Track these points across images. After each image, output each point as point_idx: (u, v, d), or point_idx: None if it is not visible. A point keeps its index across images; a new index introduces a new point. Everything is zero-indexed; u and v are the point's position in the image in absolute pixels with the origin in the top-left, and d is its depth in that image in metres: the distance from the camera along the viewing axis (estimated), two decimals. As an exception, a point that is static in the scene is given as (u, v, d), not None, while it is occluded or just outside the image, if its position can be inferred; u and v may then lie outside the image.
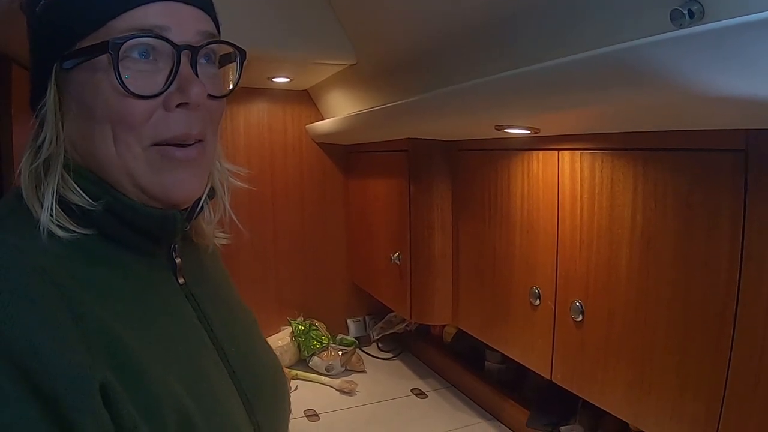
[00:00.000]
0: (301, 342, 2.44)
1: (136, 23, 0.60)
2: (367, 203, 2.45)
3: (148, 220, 0.66)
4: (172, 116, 0.63)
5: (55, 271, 0.55)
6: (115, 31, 0.60)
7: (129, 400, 0.55)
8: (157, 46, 0.62)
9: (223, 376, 0.73)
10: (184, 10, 0.63)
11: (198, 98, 0.63)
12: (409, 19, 1.48)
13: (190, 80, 0.63)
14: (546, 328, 1.47)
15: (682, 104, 0.84)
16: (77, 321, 0.54)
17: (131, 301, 0.64)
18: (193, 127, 0.65)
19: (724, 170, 0.99)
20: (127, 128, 0.62)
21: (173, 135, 0.64)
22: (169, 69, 0.62)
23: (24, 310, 0.50)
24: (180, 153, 0.65)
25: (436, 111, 1.49)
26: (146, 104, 0.61)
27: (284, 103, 2.55)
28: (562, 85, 0.98)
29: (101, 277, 0.62)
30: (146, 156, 0.63)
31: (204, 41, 0.65)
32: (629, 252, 1.20)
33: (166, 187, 0.65)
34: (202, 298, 0.76)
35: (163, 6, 0.61)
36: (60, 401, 0.49)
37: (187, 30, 0.63)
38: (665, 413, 1.13)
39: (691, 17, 0.75)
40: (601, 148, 1.26)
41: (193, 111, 0.65)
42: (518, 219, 1.58)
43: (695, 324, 1.06)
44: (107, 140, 0.62)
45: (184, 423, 0.60)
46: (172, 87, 0.62)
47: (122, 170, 0.63)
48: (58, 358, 0.50)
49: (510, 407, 1.90)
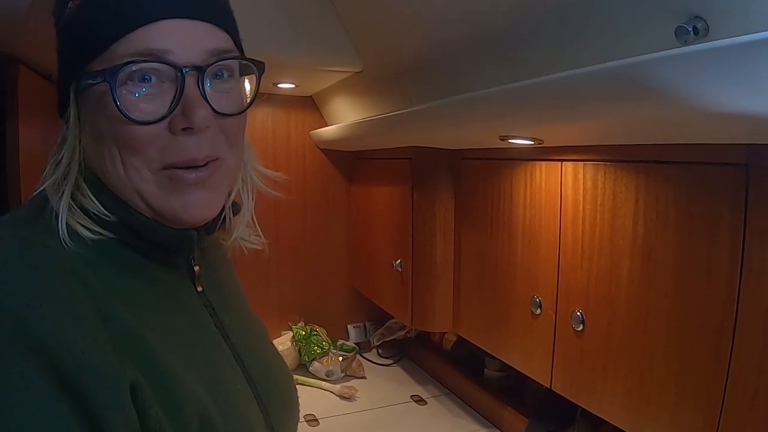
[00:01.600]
0: (301, 347, 2.45)
1: (139, 47, 0.58)
2: (369, 210, 2.46)
3: (164, 238, 0.66)
4: (178, 140, 0.61)
5: (84, 273, 0.56)
6: (117, 55, 0.58)
7: (156, 401, 0.55)
8: (160, 69, 0.60)
9: (240, 381, 0.74)
10: (189, 28, 0.61)
11: (202, 123, 0.61)
12: (415, 28, 1.49)
13: (195, 104, 0.60)
14: (546, 336, 1.48)
15: (685, 119, 0.85)
16: (106, 321, 0.54)
17: (154, 306, 0.64)
18: (201, 150, 0.63)
19: (725, 184, 1.00)
20: (133, 152, 0.61)
21: (181, 159, 0.62)
22: (174, 91, 0.60)
23: (56, 308, 0.51)
24: (191, 176, 0.63)
25: (440, 120, 1.50)
26: (149, 129, 0.60)
27: (289, 109, 2.56)
28: (567, 98, 0.99)
29: (125, 282, 0.62)
30: (156, 179, 0.62)
31: (212, 60, 0.62)
32: (630, 263, 1.21)
33: (176, 209, 0.64)
34: (219, 305, 0.76)
35: (167, 25, 0.59)
36: (91, 398, 0.50)
37: (192, 49, 0.61)
38: (664, 423, 1.13)
39: (696, 34, 0.76)
40: (604, 159, 1.28)
41: (200, 134, 0.62)
42: (520, 228, 1.59)
43: (695, 334, 1.07)
44: (116, 162, 0.61)
45: (205, 425, 0.61)
46: (176, 110, 0.60)
47: (132, 191, 0.62)
48: (89, 356, 0.51)
49: (509, 415, 1.91)
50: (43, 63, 1.83)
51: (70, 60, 0.63)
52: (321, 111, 2.60)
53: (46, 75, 1.96)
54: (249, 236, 0.85)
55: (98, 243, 0.62)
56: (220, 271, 0.85)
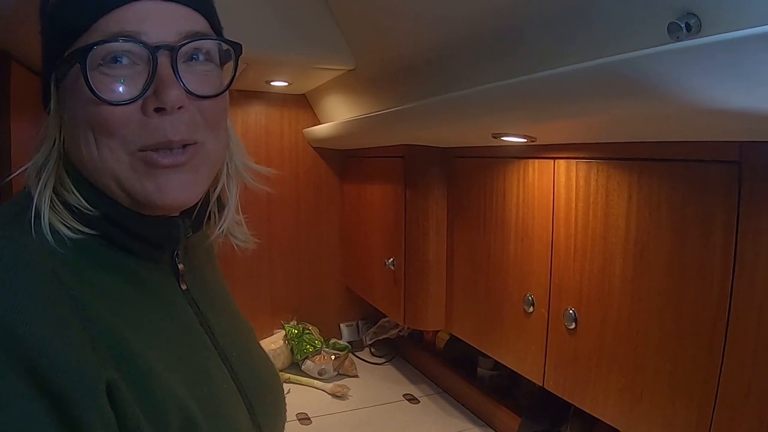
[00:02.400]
0: (294, 346, 2.44)
1: (113, 28, 0.58)
2: (362, 208, 2.45)
3: (150, 228, 0.66)
4: (151, 122, 0.60)
5: (63, 273, 0.55)
6: (92, 37, 0.58)
7: (134, 401, 0.55)
8: (132, 49, 0.59)
9: (226, 380, 0.73)
10: (163, 9, 0.61)
11: (174, 102, 0.60)
12: (408, 26, 1.49)
13: (167, 83, 0.60)
14: (539, 335, 1.48)
15: (678, 115, 0.85)
16: (85, 322, 0.54)
17: (136, 305, 0.64)
18: (177, 132, 0.62)
19: (717, 181, 1.01)
20: (106, 134, 0.60)
21: (155, 141, 0.61)
22: (147, 72, 0.60)
23: (34, 309, 0.51)
24: (165, 160, 0.62)
25: (433, 118, 1.49)
26: (122, 110, 0.59)
27: (282, 107, 2.56)
28: (559, 95, 0.99)
29: (107, 281, 0.62)
30: (131, 161, 0.61)
31: (186, 40, 0.62)
32: (623, 261, 1.21)
33: (149, 193, 0.62)
34: (204, 304, 0.76)
35: (139, 6, 0.59)
36: (67, 398, 0.49)
37: (165, 29, 0.60)
38: (657, 421, 1.14)
39: (688, 30, 0.76)
40: (597, 157, 1.28)
41: (174, 114, 0.61)
42: (513, 226, 1.59)
43: (687, 332, 1.07)
44: (91, 146, 0.61)
45: (187, 425, 0.60)
46: (149, 91, 0.60)
47: (108, 175, 0.61)
48: (66, 357, 0.50)
49: (502, 413, 1.91)
50: (35, 59, 1.82)
51: (50, 50, 0.63)
52: (314, 109, 2.60)
53: (38, 71, 1.95)
54: (239, 234, 0.84)
55: (80, 242, 0.61)
56: (204, 270, 0.84)
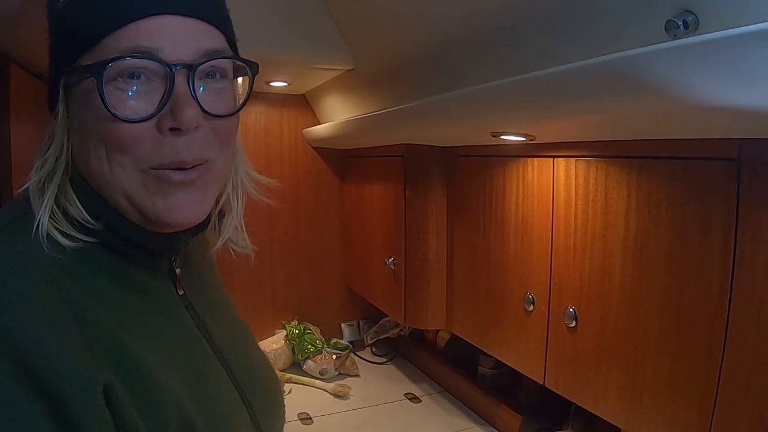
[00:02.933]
0: (295, 345, 2.44)
1: (129, 42, 0.57)
2: (362, 208, 2.45)
3: (150, 240, 0.66)
4: (166, 140, 0.60)
5: (61, 277, 0.56)
6: (108, 50, 0.57)
7: (131, 404, 0.55)
8: (149, 66, 0.58)
9: (224, 382, 0.73)
10: (181, 25, 0.59)
11: (190, 122, 0.59)
12: (407, 26, 1.49)
13: (183, 103, 0.59)
14: (539, 333, 1.48)
15: (676, 113, 0.85)
16: (82, 326, 0.54)
17: (134, 309, 0.64)
18: (191, 152, 0.61)
19: (717, 179, 1.01)
20: (119, 150, 0.59)
21: (168, 161, 0.60)
22: (163, 90, 0.59)
23: (31, 313, 0.51)
24: (178, 177, 0.61)
25: (432, 117, 1.50)
26: (136, 128, 0.58)
27: (281, 107, 2.55)
28: (558, 94, 0.99)
29: (105, 285, 0.62)
30: (143, 178, 0.61)
31: (204, 59, 0.61)
32: (622, 259, 1.21)
33: (160, 210, 0.62)
34: (201, 308, 0.76)
35: (159, 22, 0.58)
36: (65, 401, 0.49)
37: (183, 47, 0.59)
38: (657, 419, 1.14)
39: (686, 28, 0.76)
40: (596, 155, 1.28)
41: (189, 134, 0.61)
42: (513, 225, 1.59)
43: (687, 330, 1.07)
44: (102, 161, 0.60)
45: (186, 427, 0.61)
46: (164, 109, 0.59)
47: (118, 190, 0.61)
48: (63, 360, 0.50)
49: (503, 412, 1.91)
50: (34, 61, 1.82)
51: (60, 55, 0.62)
52: (313, 109, 2.59)
53: (38, 74, 1.95)
54: (239, 240, 0.84)
55: (78, 247, 0.61)
56: (202, 274, 0.84)
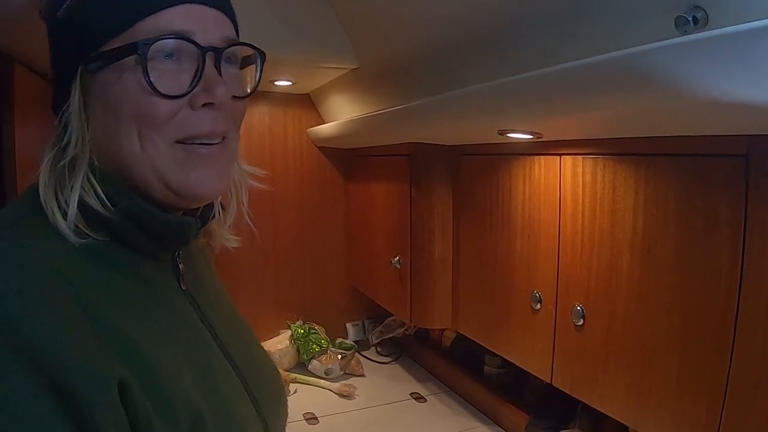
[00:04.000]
0: (300, 345, 2.45)
1: (162, 26, 0.61)
2: (367, 207, 2.45)
3: (164, 225, 0.67)
4: (197, 114, 0.65)
5: (69, 273, 0.56)
6: (142, 33, 0.61)
7: (144, 397, 0.56)
8: (182, 48, 0.63)
9: (230, 377, 0.74)
10: (208, 13, 0.65)
11: (223, 98, 0.66)
12: (411, 24, 1.49)
13: (216, 81, 0.65)
14: (546, 332, 1.48)
15: (685, 109, 0.85)
16: (92, 320, 0.54)
17: (141, 304, 0.65)
18: (218, 125, 0.67)
19: (725, 175, 1.00)
20: (152, 126, 0.63)
21: (199, 132, 0.66)
22: (194, 70, 0.64)
23: (41, 309, 0.51)
24: (204, 149, 0.67)
25: (438, 115, 1.49)
26: (172, 104, 0.63)
27: (285, 107, 2.56)
28: (566, 90, 0.99)
29: (113, 281, 0.62)
30: (171, 152, 0.65)
31: (226, 44, 0.67)
32: (630, 256, 1.21)
33: (190, 182, 0.66)
34: (203, 303, 0.77)
35: (188, 8, 0.63)
36: (77, 396, 0.50)
37: (211, 33, 0.65)
38: (665, 417, 1.13)
39: (696, 24, 0.76)
40: (603, 153, 1.27)
41: (217, 110, 0.66)
42: (519, 223, 1.59)
43: (696, 328, 1.06)
44: (132, 138, 0.63)
45: (195, 420, 0.61)
46: (197, 87, 0.64)
47: (147, 167, 0.64)
48: (75, 355, 0.51)
49: (509, 411, 1.91)
50: (38, 62, 1.82)
51: (77, 44, 0.63)
52: (318, 108, 2.59)
53: (43, 74, 1.96)
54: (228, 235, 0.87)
55: (87, 244, 0.62)
56: (202, 272, 0.85)
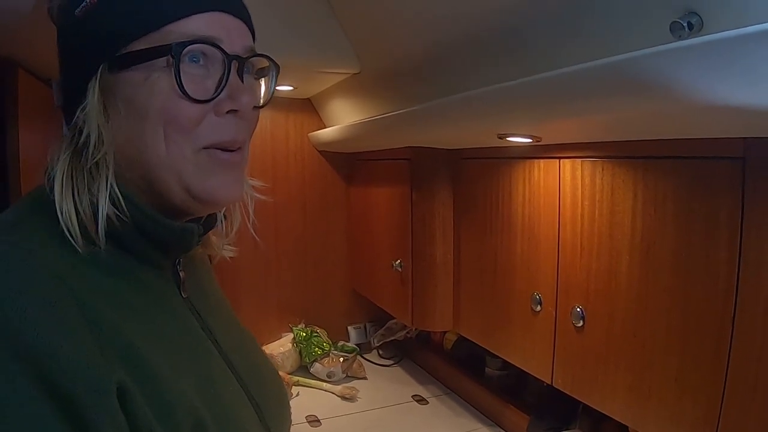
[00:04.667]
0: (302, 348, 2.45)
1: (191, 30, 0.62)
2: (368, 211, 2.46)
3: (167, 232, 0.67)
4: (222, 121, 0.66)
5: (70, 278, 0.56)
6: (171, 36, 0.62)
7: (144, 403, 0.56)
8: (210, 54, 0.64)
9: (231, 383, 0.74)
10: (233, 23, 0.66)
11: (247, 106, 0.67)
12: (412, 29, 1.50)
13: (240, 89, 0.66)
14: (547, 333, 1.48)
15: (681, 113, 0.86)
16: (92, 325, 0.54)
17: (142, 310, 0.65)
18: (240, 133, 0.68)
19: (722, 177, 1.01)
20: (179, 129, 0.63)
21: (224, 140, 0.67)
22: (219, 76, 0.65)
23: (42, 313, 0.51)
24: (226, 156, 0.67)
25: (438, 119, 1.50)
26: (198, 108, 0.64)
27: (287, 111, 2.56)
28: (564, 95, 1.00)
29: (113, 287, 0.62)
30: (196, 158, 0.65)
31: (248, 54, 0.68)
32: (629, 258, 1.22)
33: (211, 189, 0.67)
34: (204, 311, 0.77)
35: (216, 16, 0.64)
36: (77, 401, 0.50)
37: (235, 41, 0.66)
38: (665, 417, 1.14)
39: (690, 29, 0.77)
40: (602, 156, 1.28)
41: (240, 118, 0.67)
42: (519, 226, 1.60)
43: (694, 329, 1.07)
44: (158, 140, 0.63)
45: (197, 427, 0.61)
46: (222, 94, 0.65)
47: (171, 171, 0.64)
48: (75, 360, 0.51)
49: (511, 413, 1.91)
50: (41, 67, 1.84)
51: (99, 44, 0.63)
52: (319, 113, 2.61)
53: (45, 79, 1.97)
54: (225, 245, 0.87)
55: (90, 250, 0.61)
56: (202, 280, 0.85)
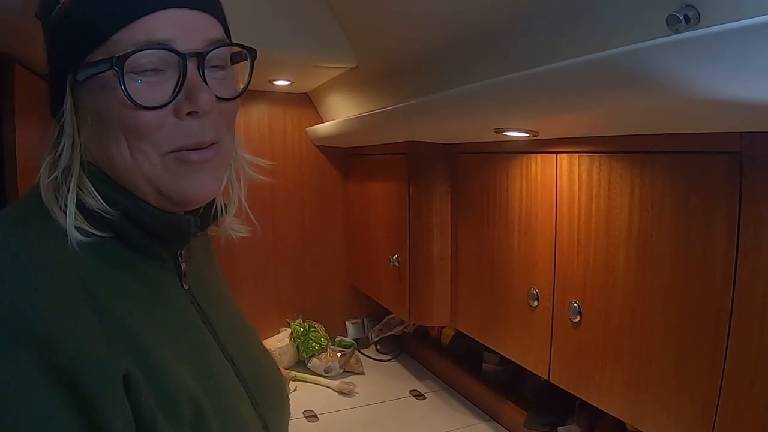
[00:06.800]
0: (300, 343, 2.45)
1: (141, 36, 0.59)
2: (366, 206, 2.46)
3: (164, 224, 0.67)
4: (184, 124, 0.64)
5: (77, 269, 0.57)
6: (120, 44, 0.59)
7: (148, 393, 0.56)
8: (163, 57, 0.61)
9: (229, 375, 0.75)
10: (189, 17, 0.63)
11: (206, 106, 0.63)
12: (409, 23, 1.49)
13: (198, 88, 0.63)
14: (544, 329, 1.48)
15: (678, 107, 0.86)
16: (100, 316, 0.55)
17: (143, 301, 0.65)
18: (207, 133, 0.66)
19: (719, 172, 1.01)
20: (140, 137, 0.62)
21: (188, 142, 0.64)
22: (176, 78, 0.62)
23: (51, 304, 0.52)
24: (196, 156, 0.65)
25: (435, 114, 1.50)
26: (156, 114, 0.62)
27: (284, 106, 2.56)
28: (560, 89, 1.00)
29: (117, 278, 0.63)
30: (163, 162, 0.64)
31: (211, 46, 0.64)
32: (626, 253, 1.21)
33: (184, 190, 0.66)
34: (204, 303, 0.77)
35: (167, 15, 0.61)
36: (85, 389, 0.50)
37: (193, 37, 0.63)
38: (662, 413, 1.14)
39: (687, 22, 0.76)
40: (599, 151, 1.28)
41: (203, 117, 0.65)
42: (516, 221, 1.60)
43: (691, 324, 1.07)
44: (122, 149, 0.62)
45: (197, 416, 0.62)
46: (180, 95, 0.63)
47: (140, 176, 0.64)
48: (83, 350, 0.52)
49: (508, 408, 1.91)
50: (39, 62, 1.82)
51: (66, 52, 0.63)
52: (317, 108, 2.60)
53: (43, 74, 1.96)
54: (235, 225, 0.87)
55: (91, 242, 0.62)
56: (205, 271, 0.86)
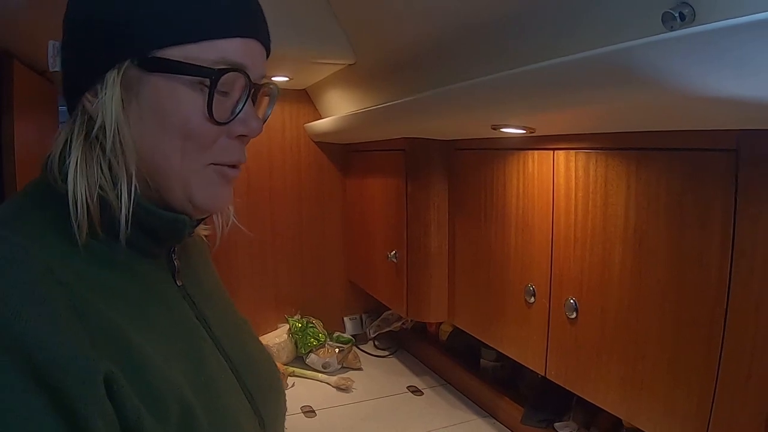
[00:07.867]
0: (298, 339, 2.46)
1: (228, 53, 0.64)
2: (364, 202, 2.46)
3: (162, 223, 0.68)
4: (233, 143, 0.70)
5: (60, 270, 0.56)
6: (209, 53, 0.63)
7: (133, 393, 0.56)
8: (238, 80, 0.67)
9: (224, 371, 0.75)
10: (257, 50, 0.69)
11: (256, 133, 0.70)
12: (407, 19, 1.49)
13: (252, 116, 0.70)
14: (541, 325, 1.49)
15: (674, 104, 0.86)
16: (81, 317, 0.55)
17: (134, 299, 0.65)
18: (243, 155, 0.72)
19: (715, 169, 1.01)
20: (197, 147, 0.66)
21: (232, 161, 0.70)
22: (236, 99, 0.68)
23: (30, 305, 0.52)
24: (232, 173, 0.72)
25: (433, 110, 1.50)
26: (217, 129, 0.67)
27: (282, 102, 2.55)
28: (557, 86, 1.00)
29: (106, 276, 0.63)
30: (204, 171, 0.68)
31: (262, 80, 0.71)
32: (622, 250, 1.22)
33: (211, 199, 0.70)
34: (198, 299, 0.78)
35: (248, 43, 0.67)
36: (66, 392, 0.50)
37: (258, 69, 0.69)
38: (658, 409, 1.14)
39: (682, 20, 0.76)
40: (595, 147, 1.28)
41: (246, 141, 0.72)
42: (513, 218, 1.60)
43: (687, 321, 1.07)
44: (175, 151, 0.65)
45: (185, 415, 0.61)
46: (239, 117, 0.68)
47: (179, 180, 0.67)
48: (63, 351, 0.51)
49: (505, 404, 1.92)
50: (37, 59, 1.83)
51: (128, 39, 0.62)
52: (315, 104, 2.60)
53: (41, 71, 1.96)
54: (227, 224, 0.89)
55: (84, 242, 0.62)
56: (199, 268, 0.86)
